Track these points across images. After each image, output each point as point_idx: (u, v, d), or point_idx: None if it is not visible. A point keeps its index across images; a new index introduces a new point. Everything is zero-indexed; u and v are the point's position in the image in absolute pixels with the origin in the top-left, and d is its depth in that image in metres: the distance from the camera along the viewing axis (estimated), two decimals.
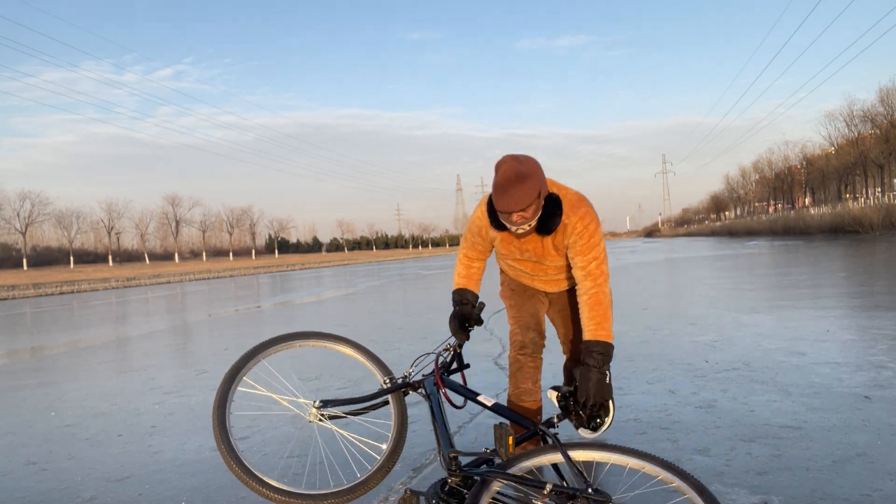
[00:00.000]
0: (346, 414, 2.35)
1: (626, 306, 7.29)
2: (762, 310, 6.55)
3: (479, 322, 2.49)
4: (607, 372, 2.13)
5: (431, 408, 2.25)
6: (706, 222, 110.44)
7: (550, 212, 2.25)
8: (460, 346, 2.47)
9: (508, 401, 2.56)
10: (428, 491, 1.88)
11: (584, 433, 2.07)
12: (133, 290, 29.66)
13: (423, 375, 2.41)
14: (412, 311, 9.11)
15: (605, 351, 2.15)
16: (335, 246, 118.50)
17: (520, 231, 2.26)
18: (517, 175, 2.15)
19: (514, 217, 2.19)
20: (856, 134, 48.79)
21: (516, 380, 2.52)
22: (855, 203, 42.48)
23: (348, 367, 4.90)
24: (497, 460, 1.90)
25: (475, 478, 1.83)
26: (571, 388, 2.12)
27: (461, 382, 2.36)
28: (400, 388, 2.42)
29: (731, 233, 65.71)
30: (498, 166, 2.21)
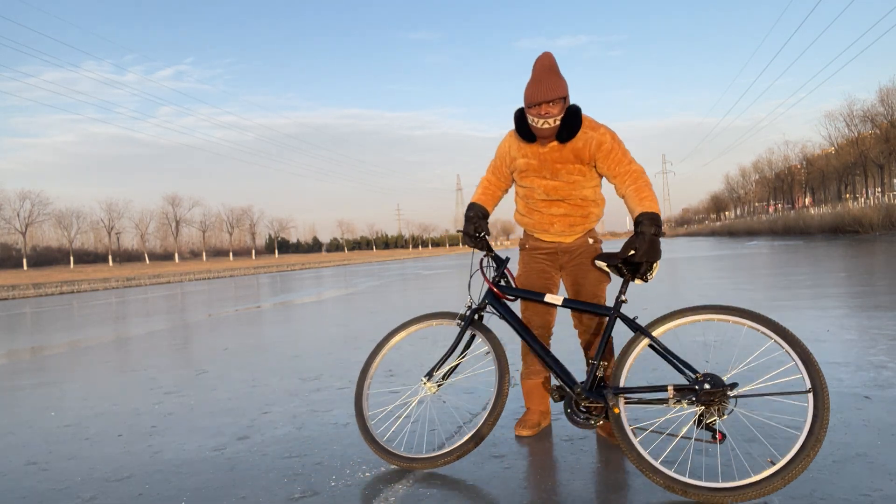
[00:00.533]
0: (449, 373, 2.66)
1: (625, 306, 7.29)
2: (762, 310, 6.55)
3: (488, 231, 2.71)
4: (658, 237, 2.32)
5: (510, 324, 2.55)
6: (706, 222, 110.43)
7: (572, 115, 2.46)
8: (489, 250, 2.69)
9: (521, 378, 2.93)
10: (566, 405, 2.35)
11: (638, 282, 2.36)
12: (133, 290, 29.66)
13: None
14: (412, 312, 9.10)
15: (655, 219, 2.32)
16: (335, 246, 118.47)
17: (545, 126, 2.44)
18: (552, 68, 2.42)
19: (543, 109, 2.41)
20: (856, 134, 48.77)
21: (527, 361, 2.87)
22: (855, 203, 42.46)
23: (349, 367, 4.90)
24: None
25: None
26: (619, 262, 2.34)
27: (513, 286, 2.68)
28: (472, 317, 2.64)
29: (731, 233, 65.69)
30: (536, 61, 2.47)
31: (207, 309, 13.14)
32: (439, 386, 2.64)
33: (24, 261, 62.99)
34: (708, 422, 2.08)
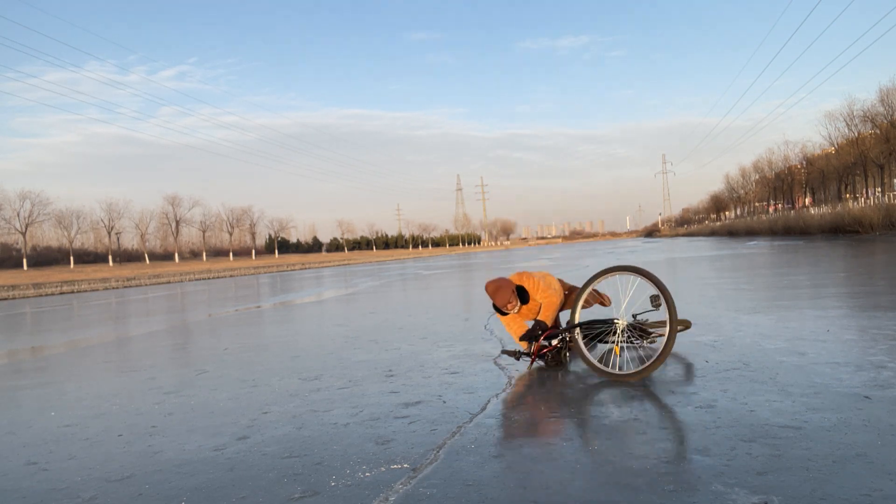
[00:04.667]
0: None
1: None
2: (762, 310, 6.55)
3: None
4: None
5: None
6: (706, 222, 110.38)
7: (522, 294, 4.55)
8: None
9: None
10: None
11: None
12: (133, 290, 29.66)
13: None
14: (412, 311, 9.10)
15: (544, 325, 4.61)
16: (335, 246, 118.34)
17: (514, 312, 4.57)
18: (504, 290, 4.45)
19: (508, 307, 4.50)
20: (856, 134, 48.73)
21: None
22: (855, 203, 42.44)
23: (349, 368, 4.90)
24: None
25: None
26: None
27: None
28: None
29: (731, 233, 65.70)
30: (494, 291, 4.47)
31: (207, 309, 13.14)
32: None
33: (24, 261, 62.94)
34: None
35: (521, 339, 4.50)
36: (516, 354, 4.49)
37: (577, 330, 4.21)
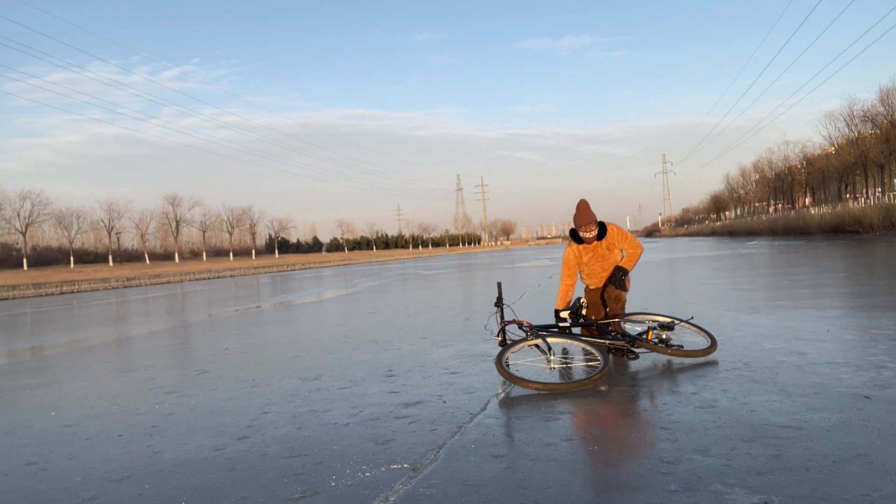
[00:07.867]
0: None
1: (626, 307, 7.28)
2: (762, 310, 6.55)
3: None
4: (627, 276, 4.80)
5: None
6: (706, 222, 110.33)
7: (602, 228, 4.75)
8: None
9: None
10: None
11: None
12: (133, 290, 29.66)
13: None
14: (412, 311, 9.10)
15: (623, 270, 4.76)
16: (335, 246, 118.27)
17: (589, 235, 4.72)
18: (588, 207, 4.73)
19: (584, 229, 4.70)
20: (856, 134, 48.71)
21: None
22: (855, 203, 42.44)
23: (349, 368, 4.90)
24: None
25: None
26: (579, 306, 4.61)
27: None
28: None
29: (731, 233, 65.71)
30: (578, 205, 4.74)
31: (207, 309, 13.14)
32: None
33: (25, 261, 62.93)
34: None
35: (604, 283, 4.84)
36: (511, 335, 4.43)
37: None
